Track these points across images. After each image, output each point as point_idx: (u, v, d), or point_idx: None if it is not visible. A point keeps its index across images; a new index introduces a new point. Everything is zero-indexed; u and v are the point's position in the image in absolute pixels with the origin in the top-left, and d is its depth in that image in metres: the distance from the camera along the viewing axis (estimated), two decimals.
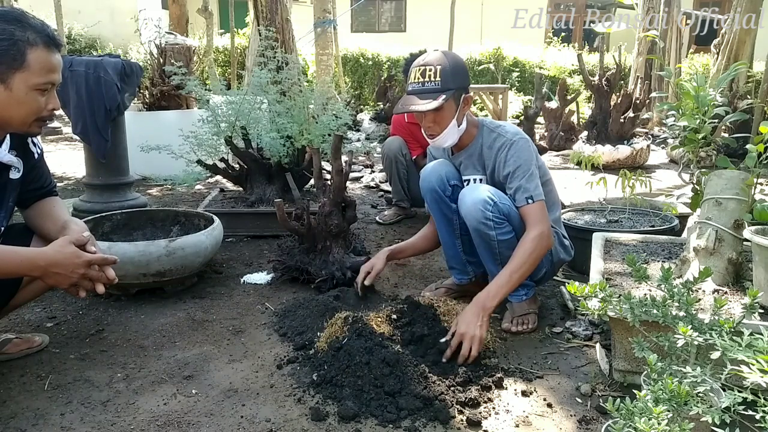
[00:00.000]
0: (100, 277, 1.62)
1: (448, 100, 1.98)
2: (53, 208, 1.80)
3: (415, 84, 2.02)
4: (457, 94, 2.02)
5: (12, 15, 1.50)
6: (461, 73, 2.03)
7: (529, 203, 1.98)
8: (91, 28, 12.45)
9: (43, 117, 1.58)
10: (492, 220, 1.98)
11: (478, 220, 1.99)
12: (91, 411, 1.62)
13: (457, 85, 2.00)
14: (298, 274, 2.53)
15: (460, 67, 2.03)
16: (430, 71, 1.98)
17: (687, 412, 1.09)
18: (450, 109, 2.01)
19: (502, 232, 2.00)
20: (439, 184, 2.17)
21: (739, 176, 1.89)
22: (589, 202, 3.19)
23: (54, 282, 1.57)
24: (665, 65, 7.55)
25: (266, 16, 5.10)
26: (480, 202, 1.98)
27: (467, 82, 2.08)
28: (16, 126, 1.57)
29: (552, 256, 2.16)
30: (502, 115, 6.29)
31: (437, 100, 1.95)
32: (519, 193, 2.00)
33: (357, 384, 1.66)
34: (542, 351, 1.99)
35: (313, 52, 8.01)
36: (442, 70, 1.97)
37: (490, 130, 2.13)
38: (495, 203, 1.98)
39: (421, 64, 2.02)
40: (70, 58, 3.18)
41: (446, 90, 1.97)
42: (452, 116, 2.03)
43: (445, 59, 2.01)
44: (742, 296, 1.73)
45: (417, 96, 2.00)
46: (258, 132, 3.28)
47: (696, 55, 10.87)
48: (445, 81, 1.97)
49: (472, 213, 2.00)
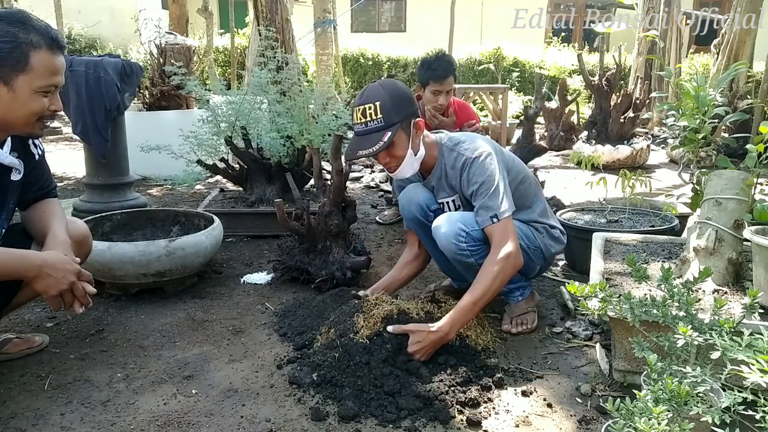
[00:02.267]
0: (83, 296, 1.62)
1: (396, 134, 1.91)
2: (44, 213, 1.77)
3: (359, 125, 1.94)
4: (405, 124, 1.95)
5: (16, 17, 1.50)
6: (403, 103, 1.95)
7: (493, 222, 1.91)
8: (91, 28, 12.44)
9: (45, 117, 1.58)
10: (467, 250, 1.96)
11: (455, 252, 1.98)
12: (91, 411, 1.62)
13: (401, 116, 1.92)
14: (298, 274, 2.54)
15: (401, 97, 1.94)
16: (369, 110, 1.90)
17: (687, 412, 1.09)
18: (401, 140, 1.95)
19: (481, 255, 1.97)
20: (420, 212, 2.14)
21: (739, 176, 1.89)
22: (589, 202, 3.19)
23: (44, 286, 1.55)
24: (665, 65, 7.55)
25: (266, 16, 5.09)
26: (452, 235, 1.96)
27: (413, 108, 1.99)
28: (19, 127, 1.57)
29: (543, 252, 2.14)
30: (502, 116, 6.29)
31: (383, 139, 1.89)
32: (482, 213, 1.94)
33: (357, 384, 1.66)
34: (542, 351, 1.99)
35: (313, 52, 8.00)
36: (381, 106, 1.89)
37: (450, 149, 2.06)
38: (467, 233, 1.95)
39: (360, 104, 1.94)
40: (70, 58, 3.18)
41: (391, 125, 1.90)
42: (406, 146, 1.96)
43: (383, 93, 1.92)
44: (742, 296, 1.73)
45: (363, 137, 1.94)
46: (258, 132, 3.28)
47: (696, 55, 10.87)
48: (387, 116, 1.90)
49: (447, 247, 1.99)
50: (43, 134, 1.67)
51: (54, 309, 1.62)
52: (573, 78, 10.22)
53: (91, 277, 1.67)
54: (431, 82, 3.21)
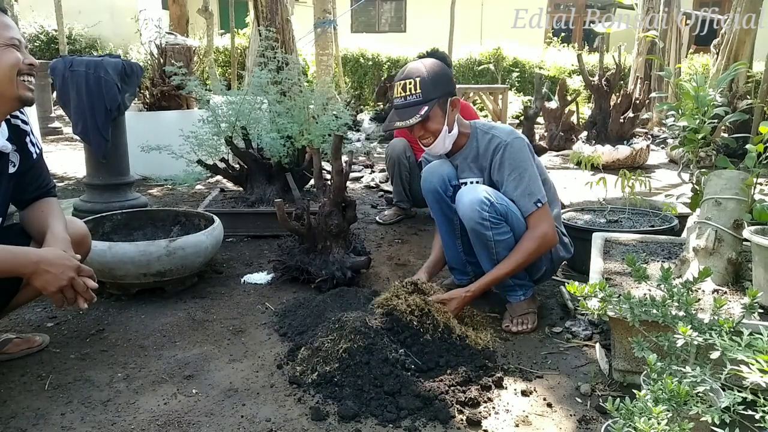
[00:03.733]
0: (85, 291, 1.62)
1: (432, 110, 1.98)
2: (42, 212, 1.77)
3: (398, 99, 2.03)
4: (443, 101, 2.01)
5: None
6: (442, 80, 2.02)
7: (537, 207, 1.99)
8: (92, 28, 12.46)
9: (24, 72, 1.59)
10: (489, 220, 1.97)
11: (475, 221, 1.99)
12: (92, 411, 1.62)
13: (439, 93, 1.99)
14: (299, 274, 2.54)
15: (440, 74, 2.02)
16: (410, 85, 1.98)
17: (687, 411, 1.10)
18: (437, 116, 2.01)
19: (499, 232, 2.00)
20: (441, 185, 2.17)
21: (738, 176, 1.89)
22: (588, 202, 3.19)
23: (42, 282, 1.55)
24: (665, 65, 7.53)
25: (266, 17, 5.10)
26: (477, 202, 1.97)
27: (451, 87, 2.07)
28: (6, 88, 1.56)
29: (552, 254, 2.16)
30: (501, 116, 6.29)
31: (420, 112, 1.96)
32: (525, 199, 2.00)
33: (357, 384, 1.66)
34: (542, 351, 1.99)
35: (313, 52, 8.01)
36: (421, 81, 1.97)
37: (484, 131, 2.12)
38: (492, 204, 1.97)
39: (401, 79, 2.02)
40: (71, 58, 3.18)
41: (429, 100, 1.97)
42: (442, 123, 2.03)
43: (423, 69, 2.00)
44: (741, 296, 1.73)
45: (401, 110, 2.01)
46: (258, 132, 3.28)
47: (696, 55, 10.87)
48: (426, 92, 1.97)
49: (468, 213, 2.00)
50: (32, 97, 1.64)
51: (57, 306, 1.62)
52: (573, 78, 10.22)
53: (92, 272, 1.66)
54: None
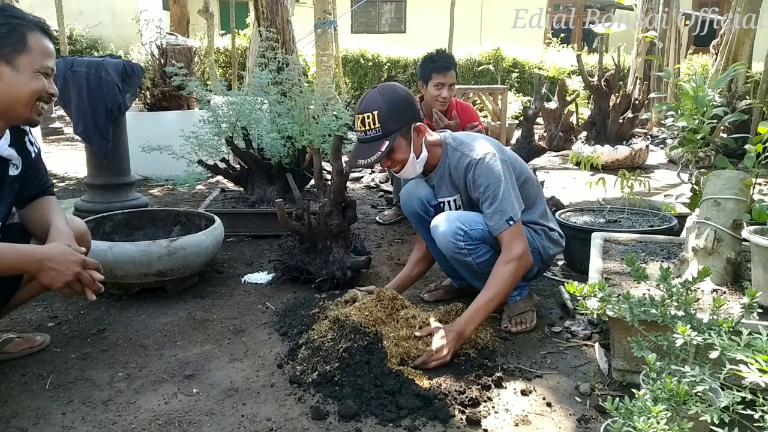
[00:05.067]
0: (92, 283, 1.63)
1: (395, 141, 1.96)
2: (43, 210, 1.78)
3: (359, 133, 2.00)
4: (405, 131, 1.99)
5: (5, 6, 1.61)
6: (402, 110, 1.98)
7: (510, 225, 1.93)
8: (93, 29, 12.46)
9: (43, 99, 1.61)
10: (465, 249, 1.97)
11: (452, 251, 1.99)
12: (93, 410, 1.62)
13: (400, 124, 1.97)
14: (299, 274, 2.54)
15: (399, 105, 1.97)
16: (368, 119, 1.95)
17: (686, 411, 1.10)
18: (401, 147, 1.99)
19: (479, 254, 1.99)
20: (421, 207, 2.17)
21: (737, 176, 1.89)
22: (588, 202, 3.20)
23: (48, 279, 1.56)
24: (664, 66, 7.56)
25: (267, 17, 5.10)
26: (450, 234, 1.97)
27: (412, 114, 2.01)
28: (20, 109, 1.58)
29: (541, 253, 2.15)
30: (501, 116, 6.29)
31: (381, 148, 1.94)
32: (496, 217, 1.94)
33: (357, 383, 1.66)
34: (541, 350, 2.00)
35: (313, 53, 8.00)
36: (379, 114, 1.94)
37: (454, 148, 2.08)
38: (465, 232, 1.96)
39: (359, 112, 1.99)
40: (72, 59, 3.19)
41: (388, 134, 1.95)
42: (407, 150, 2.01)
43: (381, 102, 1.95)
44: (740, 296, 1.74)
45: (363, 145, 1.99)
46: (259, 132, 3.29)
47: (695, 55, 10.86)
48: (385, 125, 1.94)
49: (444, 245, 2.01)
50: (39, 121, 1.68)
51: (65, 297, 1.64)
52: (572, 78, 10.21)
53: (98, 263, 1.67)
54: (434, 74, 3.24)
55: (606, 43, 6.43)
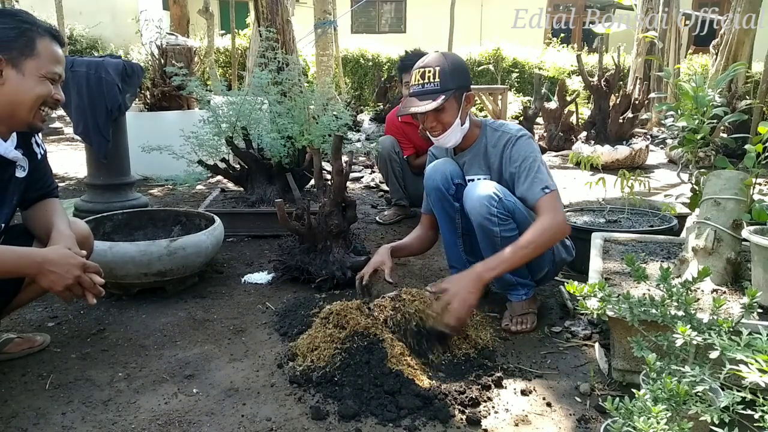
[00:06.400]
0: (92, 286, 1.62)
1: (448, 100, 2.01)
2: (46, 212, 1.78)
3: (415, 86, 2.05)
4: (458, 94, 2.04)
5: (18, 11, 1.62)
6: (460, 73, 2.06)
7: (546, 193, 1.97)
8: (93, 29, 12.46)
9: (48, 104, 1.62)
10: (497, 216, 1.98)
11: (483, 216, 1.99)
12: (93, 410, 1.62)
13: (456, 84, 2.03)
14: (299, 274, 2.54)
15: (459, 67, 2.06)
16: (429, 73, 2.02)
17: (686, 411, 1.10)
18: (451, 108, 2.04)
19: (506, 229, 2.00)
20: (444, 183, 2.17)
21: (737, 176, 1.89)
22: (588, 202, 3.20)
23: (49, 282, 1.56)
24: (664, 66, 7.55)
25: (267, 17, 5.10)
26: (485, 197, 1.98)
27: (468, 81, 2.10)
28: (24, 113, 1.58)
29: (554, 255, 2.17)
30: (501, 116, 6.30)
31: (436, 100, 1.99)
32: (535, 185, 1.99)
33: (357, 383, 1.66)
34: (542, 350, 2.00)
35: (313, 53, 8.01)
36: (440, 71, 2.01)
37: (494, 129, 2.16)
38: (500, 199, 1.98)
39: (421, 67, 2.05)
40: (72, 59, 3.19)
41: (445, 90, 2.00)
42: (455, 115, 2.05)
43: (443, 60, 2.04)
44: (740, 296, 1.74)
45: (417, 98, 2.03)
46: (259, 132, 3.29)
47: (695, 55, 10.88)
48: (444, 81, 2.00)
49: (476, 208, 2.00)
50: (43, 127, 1.68)
51: (66, 301, 1.64)
52: (572, 78, 10.22)
53: (98, 267, 1.67)
54: (404, 75, 3.37)
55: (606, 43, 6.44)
